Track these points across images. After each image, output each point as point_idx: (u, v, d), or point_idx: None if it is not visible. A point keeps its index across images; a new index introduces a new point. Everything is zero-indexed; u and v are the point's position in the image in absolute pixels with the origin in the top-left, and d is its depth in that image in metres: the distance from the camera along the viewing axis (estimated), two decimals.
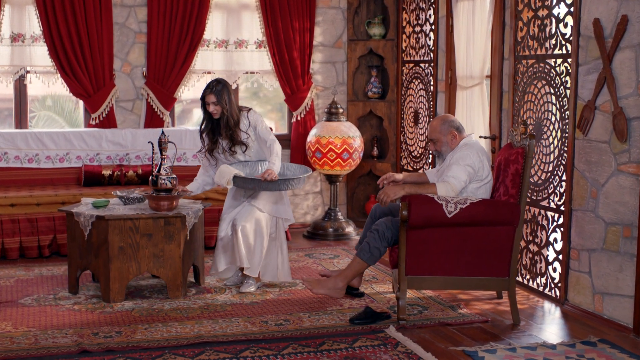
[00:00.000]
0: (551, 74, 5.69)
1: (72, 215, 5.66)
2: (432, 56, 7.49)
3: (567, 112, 5.54)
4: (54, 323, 5.08)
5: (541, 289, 5.85)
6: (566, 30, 5.55)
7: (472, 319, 5.27)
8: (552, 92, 5.69)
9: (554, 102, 5.69)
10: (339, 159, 7.56)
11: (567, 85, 5.53)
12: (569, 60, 5.50)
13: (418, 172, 5.85)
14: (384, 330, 5.00)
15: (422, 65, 7.71)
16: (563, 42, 5.57)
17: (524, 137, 5.21)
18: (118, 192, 5.90)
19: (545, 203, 5.78)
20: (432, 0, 7.46)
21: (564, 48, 5.57)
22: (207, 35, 7.81)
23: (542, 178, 5.81)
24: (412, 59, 7.91)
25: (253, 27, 7.97)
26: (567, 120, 5.54)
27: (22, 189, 7.09)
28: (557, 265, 5.69)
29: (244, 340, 4.79)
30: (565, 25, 5.56)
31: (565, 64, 5.55)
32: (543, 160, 5.80)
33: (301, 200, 8.34)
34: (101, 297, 5.60)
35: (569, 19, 5.52)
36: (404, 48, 8.06)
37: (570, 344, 4.78)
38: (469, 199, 5.06)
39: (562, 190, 5.61)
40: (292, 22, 7.94)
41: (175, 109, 7.99)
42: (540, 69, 5.80)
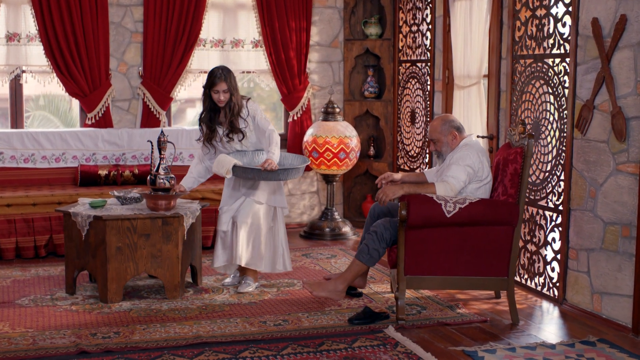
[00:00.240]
0: (549, 74, 5.68)
1: (69, 216, 5.63)
2: (429, 56, 7.49)
3: (565, 111, 5.54)
4: (51, 324, 5.06)
5: (539, 288, 5.85)
6: (564, 30, 5.55)
7: (471, 318, 5.26)
8: (550, 91, 5.69)
9: (552, 101, 5.68)
10: (335, 159, 7.55)
11: (566, 84, 5.53)
12: (567, 59, 5.50)
13: (416, 172, 5.84)
14: (382, 330, 4.99)
15: (418, 64, 7.70)
16: (561, 42, 5.56)
17: (522, 136, 5.21)
18: (115, 192, 5.87)
19: (543, 203, 5.78)
20: None
21: (562, 48, 5.56)
22: (203, 35, 7.79)
23: (540, 178, 5.80)
24: (408, 58, 7.90)
25: (249, 26, 7.96)
26: (565, 119, 5.54)
27: (18, 189, 7.06)
28: (556, 265, 5.68)
29: (243, 341, 4.77)
30: (564, 25, 5.56)
31: (564, 64, 5.55)
32: (541, 160, 5.80)
33: (298, 200, 8.32)
34: (98, 298, 5.58)
35: (567, 19, 5.51)
36: (400, 47, 8.05)
37: (570, 344, 4.78)
38: (468, 199, 5.05)
39: (560, 189, 5.60)
40: (289, 22, 7.93)
41: (171, 109, 7.97)
42: (538, 68, 5.80)
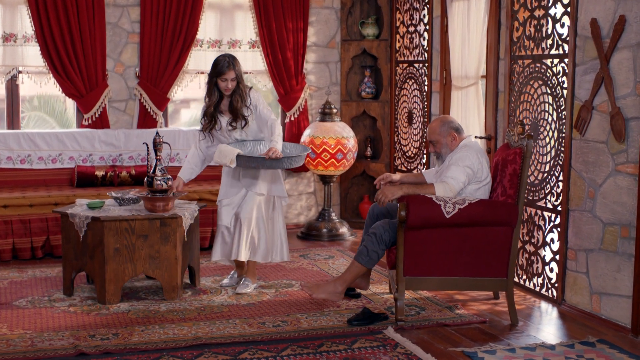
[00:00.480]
0: (548, 74, 5.68)
1: (67, 217, 5.61)
2: (426, 56, 7.48)
3: (563, 112, 5.54)
4: (49, 325, 5.04)
5: (538, 289, 5.84)
6: (563, 31, 5.55)
7: (470, 319, 5.26)
8: (548, 92, 5.68)
9: (550, 102, 5.68)
10: (333, 160, 7.54)
11: (564, 85, 5.53)
12: (566, 60, 5.50)
13: (415, 173, 5.83)
14: (382, 332, 4.98)
15: (416, 65, 7.69)
16: (560, 42, 5.56)
17: (521, 137, 5.20)
18: (113, 193, 5.85)
19: (541, 203, 5.78)
20: (426, 0, 7.44)
21: (560, 48, 5.56)
22: (200, 36, 7.77)
23: (539, 178, 5.80)
24: (405, 59, 7.89)
25: (246, 27, 7.94)
26: (564, 120, 5.54)
27: (14, 190, 7.03)
28: (554, 266, 5.68)
29: (242, 342, 4.76)
30: (562, 26, 5.55)
31: (562, 64, 5.54)
32: (539, 161, 5.80)
33: (295, 201, 8.31)
34: (96, 299, 5.56)
35: (566, 19, 5.51)
36: (397, 48, 8.04)
37: (569, 345, 4.77)
38: (467, 199, 5.04)
39: (559, 190, 5.60)
40: (286, 22, 7.92)
41: (168, 109, 7.95)
42: (536, 69, 5.79)
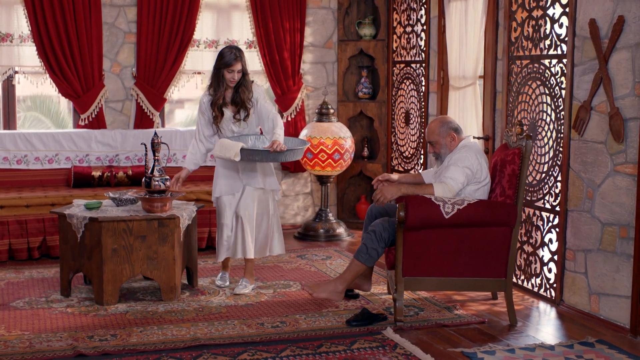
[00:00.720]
0: (546, 75, 5.68)
1: (64, 217, 5.59)
2: (423, 57, 7.48)
3: (562, 112, 5.54)
4: (47, 326, 5.02)
5: (536, 289, 5.84)
6: (561, 31, 5.55)
7: (469, 320, 5.25)
8: (546, 92, 5.68)
9: (548, 102, 5.68)
10: (330, 160, 7.53)
11: (562, 85, 5.53)
12: (564, 60, 5.50)
13: (413, 173, 5.83)
14: (381, 332, 4.97)
15: (413, 65, 7.69)
16: (558, 43, 5.56)
17: (520, 137, 5.20)
18: (111, 194, 5.83)
19: (540, 204, 5.78)
20: (423, 0, 7.44)
21: (559, 48, 5.56)
22: (197, 36, 7.76)
23: (537, 179, 5.80)
24: (403, 59, 7.89)
25: (243, 27, 7.93)
26: (562, 120, 5.54)
27: (10, 190, 7.01)
28: (553, 266, 5.68)
29: (241, 343, 4.75)
30: (560, 26, 5.55)
31: (561, 65, 5.54)
32: (538, 161, 5.79)
33: (292, 202, 8.30)
34: (94, 300, 5.54)
35: (564, 20, 5.51)
36: (394, 48, 8.04)
37: (568, 345, 4.77)
38: (466, 200, 5.04)
39: (557, 190, 5.60)
40: (283, 23, 7.91)
41: (164, 109, 7.93)
42: (534, 69, 5.79)
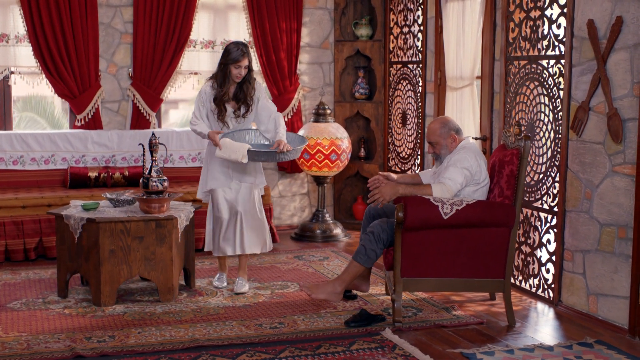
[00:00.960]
0: (544, 75, 5.68)
1: (61, 218, 5.57)
2: (420, 57, 7.47)
3: (560, 113, 5.54)
4: (45, 327, 5.00)
5: (534, 290, 5.84)
6: (559, 32, 5.55)
7: (467, 320, 5.25)
8: (544, 93, 5.68)
9: (546, 103, 5.68)
10: (327, 160, 7.52)
11: (560, 86, 5.53)
12: (562, 61, 5.50)
13: (411, 174, 5.82)
14: (380, 333, 4.96)
15: (410, 66, 7.68)
16: (556, 43, 5.56)
17: (518, 138, 5.20)
18: (108, 194, 5.81)
19: (538, 204, 5.78)
20: (420, 1, 7.44)
21: (557, 49, 5.56)
22: (193, 36, 7.74)
23: (535, 179, 5.80)
24: (399, 60, 7.88)
25: (240, 27, 7.92)
26: (560, 121, 5.54)
27: (7, 191, 6.98)
28: (551, 267, 5.68)
29: (240, 344, 4.73)
30: (558, 27, 5.55)
31: (559, 65, 5.55)
32: (535, 162, 5.79)
33: (288, 202, 8.29)
34: (91, 301, 5.52)
35: (562, 20, 5.51)
36: (391, 49, 8.03)
37: (567, 345, 4.77)
38: (465, 201, 5.04)
39: (555, 191, 5.60)
40: (279, 23, 7.89)
41: (161, 110, 7.91)
42: (532, 70, 5.79)
